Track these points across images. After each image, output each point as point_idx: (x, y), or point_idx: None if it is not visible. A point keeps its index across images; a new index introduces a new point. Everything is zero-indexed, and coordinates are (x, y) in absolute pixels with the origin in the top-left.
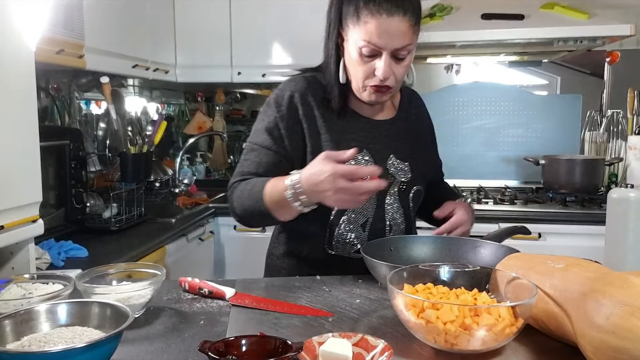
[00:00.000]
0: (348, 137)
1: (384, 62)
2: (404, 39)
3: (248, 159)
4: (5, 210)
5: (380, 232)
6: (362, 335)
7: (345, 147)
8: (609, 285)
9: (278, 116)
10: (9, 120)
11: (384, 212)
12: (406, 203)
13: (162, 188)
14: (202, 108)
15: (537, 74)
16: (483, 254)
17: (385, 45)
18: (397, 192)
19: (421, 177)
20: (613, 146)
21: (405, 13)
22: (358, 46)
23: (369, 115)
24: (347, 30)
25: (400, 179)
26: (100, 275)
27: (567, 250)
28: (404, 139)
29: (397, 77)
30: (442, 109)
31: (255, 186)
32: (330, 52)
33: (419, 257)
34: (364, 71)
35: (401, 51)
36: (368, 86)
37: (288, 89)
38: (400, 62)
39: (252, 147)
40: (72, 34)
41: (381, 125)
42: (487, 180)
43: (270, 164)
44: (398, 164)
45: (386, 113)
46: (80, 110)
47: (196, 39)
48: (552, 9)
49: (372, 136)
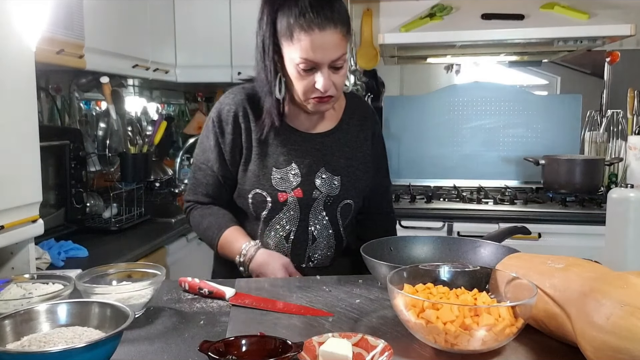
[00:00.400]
0: (278, 150)
1: (323, 75)
2: (338, 50)
3: (197, 179)
4: (5, 210)
5: (302, 244)
6: (362, 335)
7: (274, 160)
8: (609, 285)
9: (219, 132)
10: (9, 120)
11: (307, 225)
12: (334, 215)
13: (162, 188)
14: (202, 108)
15: (537, 74)
16: (483, 254)
17: (322, 59)
18: (323, 205)
19: (352, 192)
20: (613, 146)
21: (336, 25)
22: (295, 63)
23: (305, 129)
24: (283, 48)
25: (328, 193)
26: (100, 275)
27: (567, 250)
28: (338, 152)
29: (337, 85)
30: (442, 109)
31: (210, 229)
32: (269, 68)
33: (419, 257)
34: (305, 86)
35: (337, 62)
36: (310, 99)
37: (228, 102)
38: (338, 72)
39: (199, 165)
40: (72, 34)
41: (315, 138)
42: (487, 180)
43: (215, 185)
44: (328, 178)
45: (325, 125)
46: (80, 110)
47: (196, 39)
48: (552, 9)
49: (303, 150)
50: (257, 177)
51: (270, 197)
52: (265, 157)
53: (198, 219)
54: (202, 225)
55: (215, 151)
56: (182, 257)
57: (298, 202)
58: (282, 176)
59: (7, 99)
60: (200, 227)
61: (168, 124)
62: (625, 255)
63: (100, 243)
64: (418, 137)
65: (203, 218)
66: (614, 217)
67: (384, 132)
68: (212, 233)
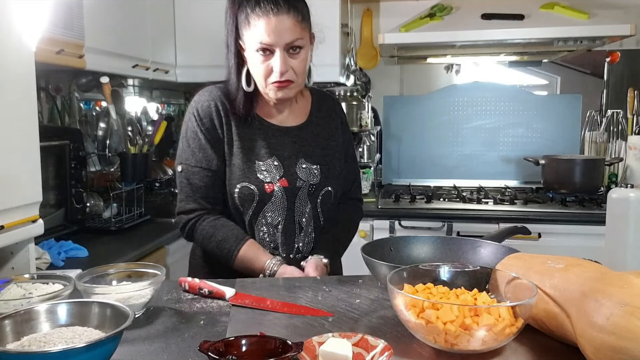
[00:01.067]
0: (258, 144)
1: (278, 57)
2: (292, 33)
3: (194, 184)
4: (5, 210)
5: (291, 231)
6: (362, 335)
7: (255, 154)
8: (609, 285)
9: (204, 129)
10: (9, 120)
11: (293, 214)
12: (315, 203)
13: (162, 188)
14: None
15: (537, 74)
16: (483, 254)
17: (276, 42)
18: (307, 194)
19: (331, 179)
20: (613, 146)
21: (289, 10)
22: (254, 49)
23: (278, 123)
24: (244, 37)
25: (310, 182)
26: (100, 275)
27: (567, 250)
28: (314, 143)
29: (295, 70)
30: (442, 109)
31: (226, 241)
32: (231, 63)
33: (419, 257)
34: (264, 70)
35: (292, 45)
36: (270, 84)
37: (205, 99)
38: (295, 56)
39: (192, 170)
40: (72, 34)
41: (291, 131)
42: (487, 180)
43: (214, 185)
44: (308, 168)
45: (296, 119)
46: (80, 110)
47: (196, 39)
48: (552, 9)
49: (281, 143)
50: (243, 171)
51: (257, 190)
52: (248, 151)
53: (210, 231)
54: (215, 236)
55: (209, 148)
56: (182, 257)
57: (284, 192)
58: (266, 168)
59: (7, 99)
60: (212, 239)
61: (168, 124)
62: (625, 255)
63: (100, 243)
64: (418, 137)
65: (216, 229)
66: (614, 217)
67: (384, 132)
68: (230, 245)
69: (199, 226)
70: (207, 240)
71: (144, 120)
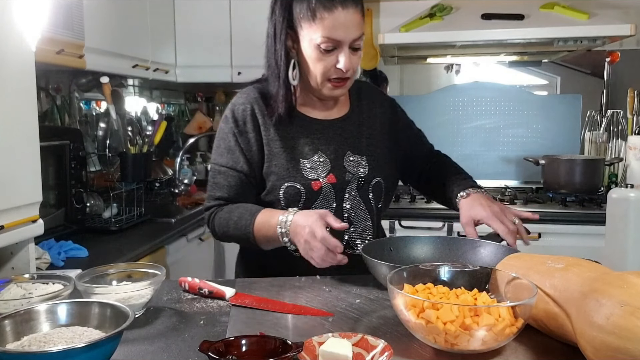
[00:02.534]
0: (301, 141)
1: (344, 54)
2: (358, 29)
3: (218, 183)
4: (5, 210)
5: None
6: (362, 335)
7: (299, 152)
8: (609, 285)
9: (237, 131)
10: (9, 120)
11: (342, 209)
12: (366, 197)
13: (162, 188)
14: (202, 108)
15: (537, 74)
16: (483, 254)
17: (344, 38)
18: (356, 187)
19: (379, 169)
20: (613, 146)
21: (356, 4)
22: (316, 43)
23: (321, 117)
24: (302, 31)
25: (359, 175)
26: (100, 275)
27: (567, 250)
28: (358, 134)
29: (354, 67)
30: (442, 109)
31: (242, 218)
32: (279, 55)
33: (419, 257)
34: (324, 66)
35: (357, 41)
36: (327, 81)
37: (242, 101)
38: (356, 53)
39: (218, 169)
40: (72, 34)
41: (334, 124)
42: (487, 180)
43: (238, 185)
44: (355, 160)
45: (338, 111)
46: (80, 110)
47: (196, 39)
48: (552, 9)
49: (325, 137)
50: (287, 170)
51: (303, 188)
52: (290, 150)
53: (226, 215)
54: (231, 219)
55: (237, 150)
56: (182, 257)
57: (332, 188)
58: (312, 165)
59: (7, 99)
60: (230, 222)
61: (168, 124)
62: (625, 255)
63: (100, 243)
64: None
65: (231, 212)
66: (614, 217)
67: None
68: (245, 221)
69: (217, 215)
70: (225, 225)
71: (144, 120)
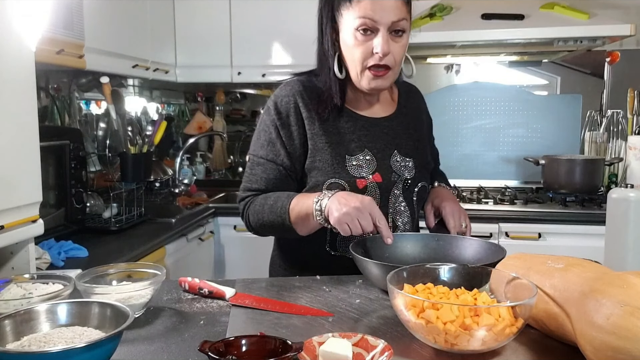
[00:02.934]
0: (347, 137)
1: (381, 37)
2: (398, 12)
3: (256, 174)
4: (5, 210)
5: None
6: (362, 335)
7: (345, 148)
8: (609, 285)
9: (279, 123)
10: (9, 120)
11: (387, 210)
12: (410, 200)
13: (162, 188)
14: (202, 108)
15: (537, 74)
16: (469, 251)
17: (380, 18)
18: (402, 189)
19: (425, 173)
20: (613, 146)
21: None
22: (354, 27)
23: (367, 114)
24: (341, 19)
25: (405, 176)
26: (100, 275)
27: (567, 250)
28: (405, 135)
29: (395, 56)
30: (442, 109)
31: (278, 201)
32: (327, 48)
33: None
34: (362, 52)
35: (397, 25)
36: (367, 69)
37: (286, 93)
38: (397, 40)
39: (257, 160)
40: (72, 34)
41: (381, 122)
42: (487, 180)
43: (277, 179)
44: (402, 161)
45: (385, 110)
46: (80, 110)
47: (196, 39)
48: (552, 9)
49: (373, 134)
50: (332, 166)
51: (348, 185)
52: (336, 145)
53: (261, 201)
54: (267, 203)
55: (278, 142)
56: (182, 257)
57: (378, 187)
58: (358, 163)
59: (7, 99)
60: (265, 207)
61: (168, 124)
62: (625, 255)
63: (100, 243)
64: None
65: (267, 198)
66: (614, 217)
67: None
68: (282, 202)
69: (252, 204)
70: (260, 212)
71: (144, 120)
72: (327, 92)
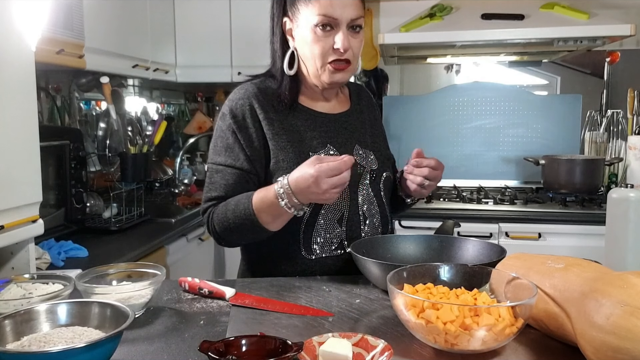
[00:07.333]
0: (308, 135)
1: (342, 33)
2: (356, 9)
3: (215, 182)
4: (5, 210)
5: (356, 224)
6: (362, 335)
7: (307, 145)
8: (609, 285)
9: (235, 127)
10: (9, 120)
11: (357, 204)
12: (378, 191)
13: (162, 188)
14: (202, 108)
15: (537, 74)
16: (471, 252)
17: (341, 15)
18: (369, 181)
19: (388, 164)
20: (613, 146)
21: None
22: (313, 24)
23: (325, 111)
24: (297, 14)
25: (371, 167)
26: (100, 275)
27: (567, 250)
28: (363, 130)
29: (354, 51)
30: (442, 109)
31: (240, 203)
32: (276, 46)
33: (409, 256)
34: (322, 47)
35: (355, 21)
36: (327, 64)
37: (240, 96)
38: (355, 36)
39: (215, 168)
40: (72, 34)
41: (339, 118)
42: (487, 180)
43: (236, 183)
44: (364, 154)
45: (341, 106)
46: (80, 110)
47: (196, 39)
48: (552, 9)
49: (333, 130)
50: (297, 164)
51: None
52: (298, 143)
53: (222, 209)
54: (228, 209)
55: (237, 146)
56: (182, 257)
57: None
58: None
59: (7, 99)
60: (227, 213)
61: (168, 124)
62: (625, 255)
63: (100, 243)
64: (418, 137)
65: (227, 204)
66: (614, 217)
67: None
68: (243, 204)
69: (214, 214)
70: (224, 220)
71: (144, 120)
72: (279, 90)
